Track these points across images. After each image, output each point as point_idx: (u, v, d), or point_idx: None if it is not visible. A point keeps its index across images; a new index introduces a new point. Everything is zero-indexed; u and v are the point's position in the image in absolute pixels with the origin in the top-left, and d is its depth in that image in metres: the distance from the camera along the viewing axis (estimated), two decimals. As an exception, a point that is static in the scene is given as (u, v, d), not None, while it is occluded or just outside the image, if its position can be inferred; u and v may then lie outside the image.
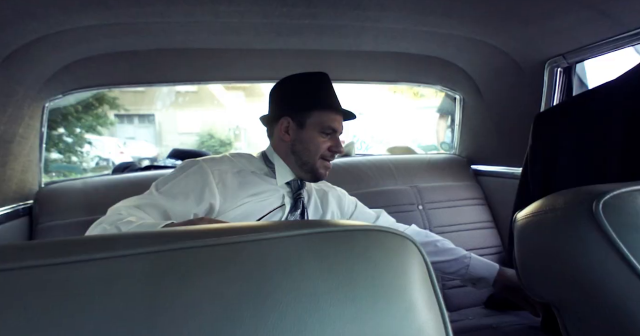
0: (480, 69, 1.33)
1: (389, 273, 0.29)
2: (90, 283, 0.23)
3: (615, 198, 0.41)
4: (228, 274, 0.26)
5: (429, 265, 0.32)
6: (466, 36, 1.11)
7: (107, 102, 5.24)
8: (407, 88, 4.96)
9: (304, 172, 0.88)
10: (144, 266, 0.25)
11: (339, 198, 0.99)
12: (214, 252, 0.26)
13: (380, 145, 3.66)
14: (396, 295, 0.29)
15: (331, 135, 0.88)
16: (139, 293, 0.24)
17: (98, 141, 5.61)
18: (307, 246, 0.28)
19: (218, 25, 0.99)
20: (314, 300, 0.26)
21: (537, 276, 0.48)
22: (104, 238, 0.29)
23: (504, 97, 1.32)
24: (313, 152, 0.87)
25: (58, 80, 1.13)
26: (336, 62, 1.33)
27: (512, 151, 1.31)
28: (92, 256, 0.24)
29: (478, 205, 1.41)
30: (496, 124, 1.39)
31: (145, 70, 1.26)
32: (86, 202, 1.16)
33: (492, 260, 1.30)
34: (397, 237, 0.32)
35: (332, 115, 0.88)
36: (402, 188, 1.40)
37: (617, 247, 0.38)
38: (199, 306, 0.24)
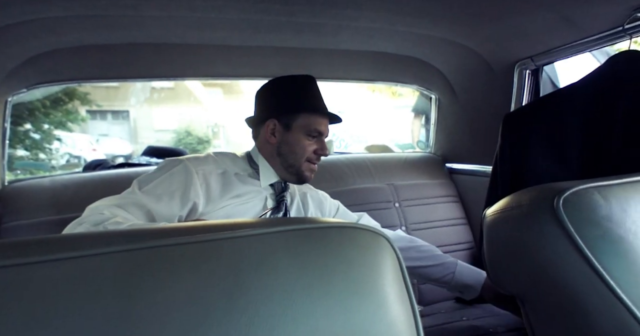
0: (454, 69, 1.36)
1: (362, 269, 0.30)
2: (54, 285, 0.23)
3: (574, 195, 0.43)
4: (201, 272, 0.26)
5: (401, 261, 0.32)
6: (441, 37, 1.14)
7: (77, 97, 5.02)
8: (386, 87, 5.03)
9: (290, 174, 0.89)
10: (114, 266, 0.24)
11: (319, 201, 1.00)
12: (186, 250, 0.26)
13: (358, 143, 3.69)
14: (368, 290, 0.29)
15: (317, 138, 0.89)
16: (109, 293, 0.23)
17: (68, 138, 5.38)
18: (281, 243, 0.29)
19: (194, 20, 0.97)
20: (287, 297, 0.26)
21: (503, 269, 0.49)
22: (69, 237, 0.28)
23: (476, 97, 1.36)
24: (299, 154, 0.87)
25: (22, 74, 1.08)
26: (315, 60, 1.33)
27: (485, 150, 1.36)
28: (56, 256, 0.24)
29: (452, 202, 1.45)
30: (470, 124, 1.43)
31: (117, 65, 1.21)
32: (54, 201, 1.11)
33: (465, 255, 1.35)
34: (371, 233, 0.32)
35: (318, 118, 0.89)
36: (379, 186, 1.42)
37: (575, 241, 0.40)
38: (172, 306, 0.24)
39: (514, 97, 1.19)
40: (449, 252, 1.33)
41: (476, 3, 0.90)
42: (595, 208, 0.41)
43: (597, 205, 0.41)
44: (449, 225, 1.39)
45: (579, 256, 0.40)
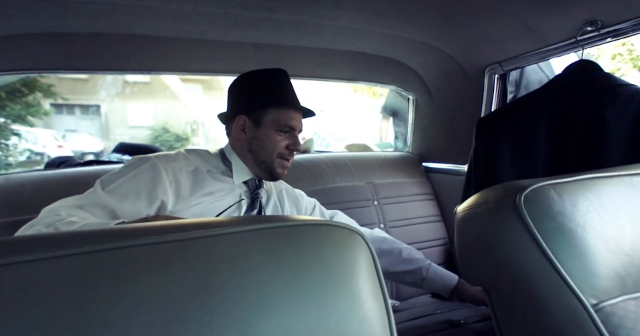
0: (430, 71, 1.40)
1: (337, 266, 0.30)
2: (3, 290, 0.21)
3: (533, 191, 0.46)
4: (169, 273, 0.25)
5: (375, 257, 0.33)
6: (417, 39, 1.17)
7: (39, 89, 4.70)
8: (367, 87, 5.09)
9: (262, 171, 0.87)
10: (69, 270, 0.23)
11: (295, 198, 0.99)
12: (154, 251, 0.25)
13: (339, 142, 3.72)
14: (343, 287, 0.30)
15: (289, 133, 0.87)
16: (64, 298, 0.22)
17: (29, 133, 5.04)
18: (255, 242, 0.28)
19: (169, 11, 0.93)
20: (260, 296, 0.26)
21: (471, 263, 0.52)
22: (20, 240, 0.26)
23: (451, 99, 1.40)
24: (270, 150, 0.85)
25: None
26: (295, 58, 1.33)
27: (459, 150, 1.41)
28: (6, 260, 0.22)
29: (428, 200, 1.49)
30: (445, 124, 1.48)
31: (83, 55, 1.13)
32: (9, 201, 1.02)
33: (439, 251, 1.40)
34: (346, 230, 0.33)
35: (289, 113, 0.87)
36: (358, 185, 1.44)
37: (533, 234, 0.43)
38: (137, 307, 0.23)
39: (484, 100, 1.24)
40: (424, 248, 1.38)
41: (449, 8, 0.94)
42: (550, 203, 0.45)
43: (552, 201, 0.45)
44: (425, 222, 1.43)
45: (537, 248, 0.43)
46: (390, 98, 2.50)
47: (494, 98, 1.23)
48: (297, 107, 0.88)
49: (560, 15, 0.86)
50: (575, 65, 0.87)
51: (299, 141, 0.89)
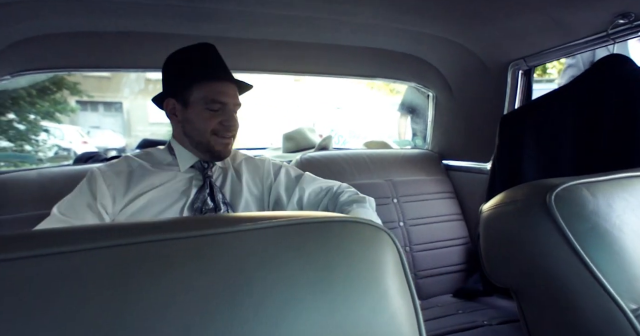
0: (451, 67, 1.37)
1: (364, 263, 0.30)
2: (47, 279, 0.22)
3: (565, 190, 0.45)
4: (202, 267, 0.25)
5: (402, 255, 0.33)
6: (438, 35, 1.15)
7: (67, 87, 4.86)
8: (384, 84, 5.03)
9: (203, 153, 0.85)
10: (108, 261, 0.24)
11: (255, 166, 0.94)
12: (186, 245, 0.26)
13: (356, 139, 3.70)
14: (370, 284, 0.30)
15: (221, 109, 0.82)
16: (103, 288, 0.23)
17: (57, 129, 5.24)
18: (283, 237, 0.29)
19: (191, 10, 0.94)
20: (290, 292, 0.26)
21: (498, 263, 0.51)
22: (61, 231, 0.27)
23: (472, 95, 1.37)
24: (202, 130, 0.82)
25: (5, 59, 1.03)
26: (313, 55, 1.33)
27: (480, 147, 1.38)
28: (45, 251, 0.23)
29: (448, 198, 1.47)
30: (465, 121, 1.45)
31: (108, 53, 1.16)
32: (42, 195, 1.05)
33: (461, 251, 1.38)
34: (372, 228, 0.32)
35: (216, 88, 0.81)
36: (377, 182, 1.44)
37: (565, 234, 0.42)
38: (171, 299, 0.24)
39: (507, 96, 1.21)
40: (445, 247, 1.36)
41: (472, 3, 0.92)
42: (584, 203, 0.43)
43: (586, 201, 0.43)
44: (446, 221, 1.41)
45: (569, 249, 0.42)
46: (408, 96, 2.47)
47: (517, 94, 1.19)
48: (223, 79, 0.83)
49: (590, 7, 0.82)
50: (605, 59, 0.83)
51: (234, 116, 0.84)
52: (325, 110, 6.33)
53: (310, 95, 6.92)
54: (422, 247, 1.35)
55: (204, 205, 0.81)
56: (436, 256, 1.33)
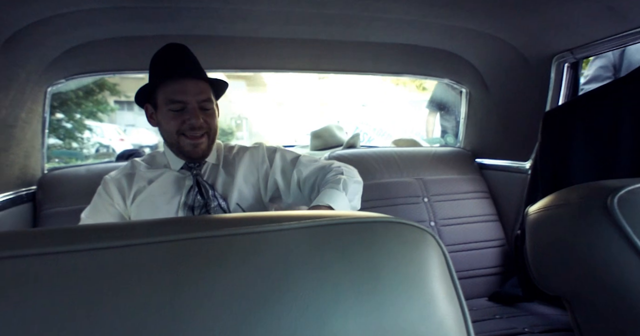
0: (487, 62, 1.32)
1: (409, 265, 0.29)
2: (106, 272, 0.23)
3: (631, 193, 0.41)
4: (249, 264, 0.25)
5: (448, 258, 0.32)
6: (475, 29, 1.10)
7: (107, 88, 5.17)
8: (410, 81, 4.92)
9: (179, 154, 0.85)
10: (164, 255, 0.24)
11: (250, 155, 0.92)
12: (233, 242, 0.26)
13: (382, 137, 3.64)
14: (416, 287, 0.28)
15: (183, 108, 0.79)
16: (160, 281, 0.24)
17: (98, 127, 5.56)
18: (327, 237, 0.28)
19: (226, 11, 0.97)
20: (335, 292, 0.26)
21: (549, 269, 0.48)
22: (120, 226, 0.28)
23: (510, 91, 1.31)
24: (169, 132, 0.81)
25: (61, 65, 1.11)
26: (344, 52, 1.32)
27: (518, 145, 1.31)
28: (109, 244, 0.24)
29: (482, 198, 1.42)
30: (502, 118, 1.39)
31: (148, 56, 1.23)
32: (89, 189, 1.10)
33: (497, 253, 1.33)
34: (416, 229, 0.31)
35: (173, 87, 0.79)
36: (407, 181, 1.41)
37: (632, 241, 0.39)
38: (221, 296, 0.24)
39: (550, 91, 1.14)
40: (479, 248, 1.31)
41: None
42: None
43: None
44: (479, 221, 1.36)
45: (636, 257, 0.38)
46: (437, 92, 2.40)
47: (562, 89, 1.12)
48: (182, 77, 0.79)
49: None
50: None
51: (197, 114, 0.80)
52: (350, 108, 6.29)
53: (334, 93, 6.91)
54: (454, 247, 1.30)
55: (195, 202, 0.83)
56: (470, 257, 1.29)
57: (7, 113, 0.98)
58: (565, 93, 1.12)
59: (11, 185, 1.07)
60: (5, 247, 0.23)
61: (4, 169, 1.04)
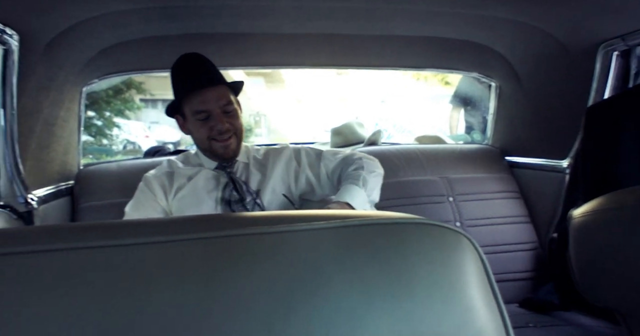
0: (520, 53, 1.25)
1: (445, 270, 0.28)
2: (145, 267, 0.23)
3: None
4: (280, 263, 0.25)
5: (486, 263, 0.30)
6: (507, 18, 1.05)
7: (134, 87, 5.38)
8: (432, 75, 4.80)
9: (212, 157, 0.93)
10: (198, 252, 0.25)
11: (277, 153, 0.99)
12: (262, 240, 0.26)
13: (402, 134, 3.57)
14: (453, 293, 0.27)
15: (208, 116, 0.87)
16: (195, 278, 0.24)
17: (125, 125, 5.79)
18: (358, 237, 0.27)
19: (248, 8, 0.98)
20: (367, 295, 0.25)
21: (599, 279, 0.44)
22: (155, 222, 0.29)
23: (546, 84, 1.24)
24: (200, 139, 0.90)
25: (94, 65, 1.16)
26: (366, 47, 1.29)
27: (554, 142, 1.24)
28: (147, 239, 0.24)
29: (512, 198, 1.35)
30: (536, 113, 1.32)
31: (174, 55, 1.26)
32: (121, 184, 1.20)
33: (528, 257, 1.27)
34: (451, 231, 0.30)
35: (195, 99, 0.86)
36: (431, 179, 1.36)
37: None
38: (252, 295, 0.24)
39: (595, 83, 1.06)
40: (509, 251, 1.26)
41: None
42: None
43: None
44: (509, 223, 1.30)
45: None
46: (462, 86, 2.32)
47: (609, 80, 1.03)
48: (198, 87, 0.86)
49: None
50: None
51: (222, 119, 0.87)
52: (369, 104, 6.22)
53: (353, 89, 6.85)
54: (481, 250, 1.25)
55: (231, 197, 0.90)
56: (498, 260, 1.23)
57: (47, 112, 1.03)
58: (613, 85, 1.03)
59: (52, 180, 1.13)
60: (45, 241, 0.24)
61: (46, 165, 1.09)
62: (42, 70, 0.94)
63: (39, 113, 1.00)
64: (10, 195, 0.94)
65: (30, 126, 0.97)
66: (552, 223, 1.25)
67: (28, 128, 0.96)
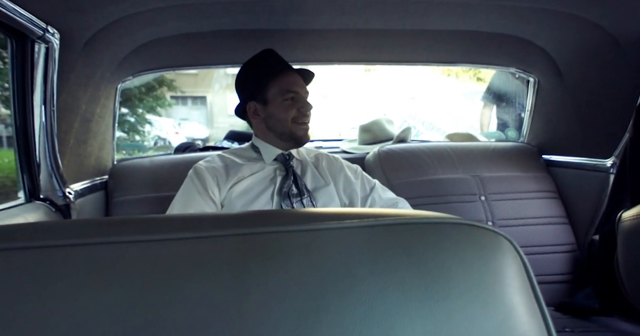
0: (563, 47, 1.18)
1: (483, 272, 0.27)
2: (178, 262, 0.24)
3: None
4: (312, 262, 0.25)
5: (528, 267, 0.28)
6: (550, 9, 0.99)
7: (165, 84, 5.55)
8: (462, 71, 4.63)
9: (286, 142, 0.95)
10: (230, 249, 0.25)
11: (329, 162, 1.04)
12: (294, 238, 0.26)
13: (431, 131, 3.48)
14: (493, 297, 0.26)
15: (294, 98, 0.92)
16: (227, 275, 0.24)
17: (156, 121, 6.00)
18: (393, 237, 0.27)
19: (279, 4, 0.97)
20: (402, 296, 0.25)
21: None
22: (189, 217, 0.29)
23: (591, 78, 1.17)
24: (284, 119, 0.93)
25: (129, 62, 1.19)
26: (398, 42, 1.26)
27: (597, 140, 1.17)
28: (179, 235, 0.25)
29: (549, 198, 1.29)
30: (577, 109, 1.25)
31: (206, 52, 1.27)
32: (152, 180, 1.23)
33: (566, 259, 1.21)
34: (490, 232, 0.29)
35: (286, 79, 0.93)
36: (462, 177, 1.32)
37: None
38: (284, 292, 0.24)
39: (646, 77, 0.99)
40: (545, 253, 1.21)
41: None
42: None
43: None
44: (545, 224, 1.24)
45: None
46: (495, 82, 2.23)
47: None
48: (290, 69, 0.95)
49: None
50: None
51: (307, 101, 0.94)
52: (398, 101, 6.10)
53: (381, 85, 6.74)
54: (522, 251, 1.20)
55: (290, 190, 0.91)
56: (533, 262, 1.16)
57: (85, 108, 1.07)
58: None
59: (89, 174, 1.18)
60: (80, 235, 0.24)
61: (83, 160, 1.14)
62: (80, 67, 0.97)
63: (77, 110, 1.03)
64: (50, 189, 0.98)
65: (69, 122, 1.00)
66: (592, 225, 1.18)
67: (67, 125, 1.00)
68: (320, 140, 1.75)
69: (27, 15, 0.77)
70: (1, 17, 0.73)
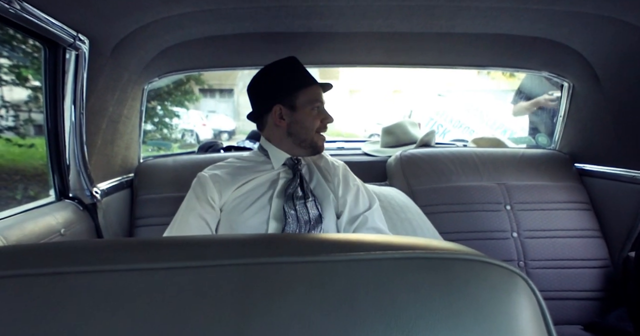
0: (601, 50, 1.11)
1: (497, 315, 0.25)
2: (182, 292, 0.24)
3: None
4: (315, 295, 0.24)
5: (544, 308, 0.27)
6: (587, 12, 0.92)
7: (193, 78, 5.71)
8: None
9: (303, 149, 0.97)
10: (234, 279, 0.24)
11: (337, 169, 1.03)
12: (298, 271, 0.25)
13: (460, 130, 3.36)
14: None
15: (319, 108, 0.96)
16: (228, 306, 0.23)
17: (184, 114, 6.20)
18: (399, 272, 0.26)
19: (303, 8, 0.97)
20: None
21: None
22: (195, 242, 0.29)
23: (631, 84, 1.09)
24: (309, 128, 0.95)
25: (155, 65, 1.22)
26: (424, 45, 1.22)
27: (634, 150, 1.10)
28: (183, 263, 0.25)
29: (581, 209, 1.22)
30: (615, 117, 1.17)
31: (230, 53, 1.28)
32: (175, 179, 1.26)
33: (597, 275, 1.15)
34: (504, 270, 0.27)
35: (315, 90, 0.97)
36: (487, 185, 1.28)
37: None
38: (285, 328, 0.23)
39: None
40: (574, 267, 1.16)
41: None
42: None
43: None
44: (576, 236, 1.18)
45: None
46: (527, 84, 2.11)
47: None
48: (317, 83, 0.98)
49: None
50: None
51: (329, 114, 0.98)
52: (425, 97, 5.95)
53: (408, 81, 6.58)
54: (540, 263, 1.16)
55: (295, 191, 0.91)
56: (560, 277, 1.13)
57: (112, 110, 1.11)
58: None
59: (115, 173, 1.22)
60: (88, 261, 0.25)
61: (110, 159, 1.18)
62: (108, 71, 1.01)
63: (105, 112, 1.06)
64: (78, 188, 1.02)
65: (97, 124, 1.04)
66: (628, 240, 1.12)
67: (95, 126, 1.03)
68: (342, 141, 1.74)
69: (58, 25, 0.80)
70: (35, 27, 0.77)
